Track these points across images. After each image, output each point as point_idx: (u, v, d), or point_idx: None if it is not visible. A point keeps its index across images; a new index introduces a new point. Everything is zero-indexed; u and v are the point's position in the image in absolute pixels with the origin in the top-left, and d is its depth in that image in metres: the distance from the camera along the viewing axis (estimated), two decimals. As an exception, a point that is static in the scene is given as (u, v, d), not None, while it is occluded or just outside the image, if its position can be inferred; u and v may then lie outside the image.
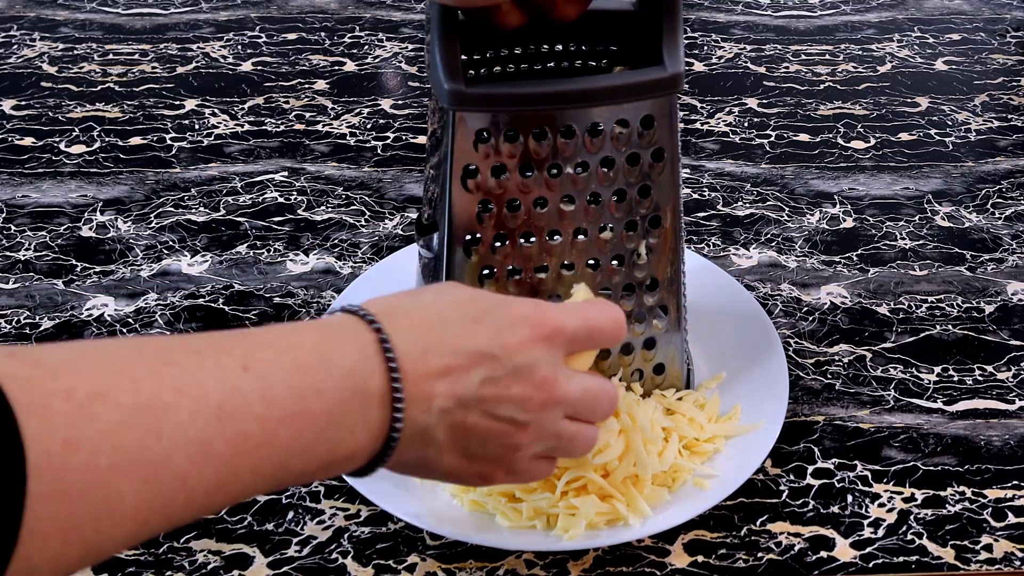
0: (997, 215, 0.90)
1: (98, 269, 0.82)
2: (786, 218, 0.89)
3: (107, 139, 0.98)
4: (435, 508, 0.61)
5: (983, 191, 0.93)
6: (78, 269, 0.82)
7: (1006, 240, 0.86)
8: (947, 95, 1.08)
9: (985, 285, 0.82)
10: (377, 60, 1.13)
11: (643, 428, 0.60)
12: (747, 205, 0.90)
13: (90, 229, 0.86)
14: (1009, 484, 0.65)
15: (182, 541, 0.61)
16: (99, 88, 1.06)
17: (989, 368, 0.74)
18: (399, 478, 0.62)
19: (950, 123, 1.02)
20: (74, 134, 0.99)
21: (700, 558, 0.60)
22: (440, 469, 0.48)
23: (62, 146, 0.97)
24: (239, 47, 1.14)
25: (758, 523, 0.62)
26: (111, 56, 1.12)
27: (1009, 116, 1.04)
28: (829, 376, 0.73)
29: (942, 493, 0.64)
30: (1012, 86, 1.09)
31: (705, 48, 1.16)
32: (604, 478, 0.59)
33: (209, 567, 0.59)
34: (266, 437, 0.40)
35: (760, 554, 0.60)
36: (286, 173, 0.94)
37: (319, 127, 1.01)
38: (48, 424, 0.35)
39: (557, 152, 0.57)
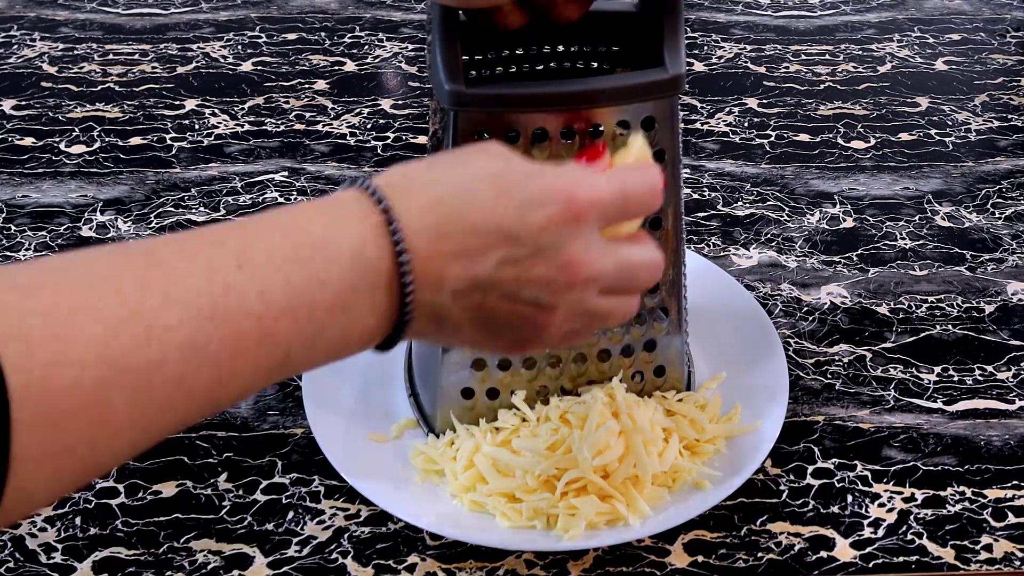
0: (997, 215, 0.90)
1: (98, 269, 0.82)
2: (786, 218, 0.89)
3: (107, 139, 0.98)
4: (435, 508, 0.61)
5: (983, 191, 0.93)
6: (78, 269, 0.82)
7: (1006, 240, 0.87)
8: (947, 95, 1.08)
9: (985, 285, 0.82)
10: (377, 60, 1.13)
11: (643, 429, 0.60)
12: (747, 205, 0.90)
13: (90, 229, 0.86)
14: (1009, 484, 0.65)
15: (182, 541, 0.61)
16: (99, 88, 1.06)
17: (989, 368, 0.74)
18: (399, 478, 0.62)
19: (950, 123, 1.02)
20: (74, 134, 0.99)
21: (700, 558, 0.60)
22: (463, 342, 0.46)
23: (62, 146, 0.97)
24: (239, 47, 1.14)
25: (758, 523, 0.62)
26: (111, 56, 1.12)
27: (1009, 116, 1.04)
28: (829, 376, 0.73)
29: (942, 493, 0.64)
30: (1012, 86, 1.10)
31: (705, 48, 1.16)
32: (604, 479, 0.59)
33: (209, 567, 0.59)
34: (265, 333, 0.39)
35: (760, 554, 0.60)
36: (286, 173, 0.94)
37: (319, 127, 1.01)
38: (28, 347, 0.34)
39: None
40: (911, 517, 0.63)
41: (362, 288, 0.41)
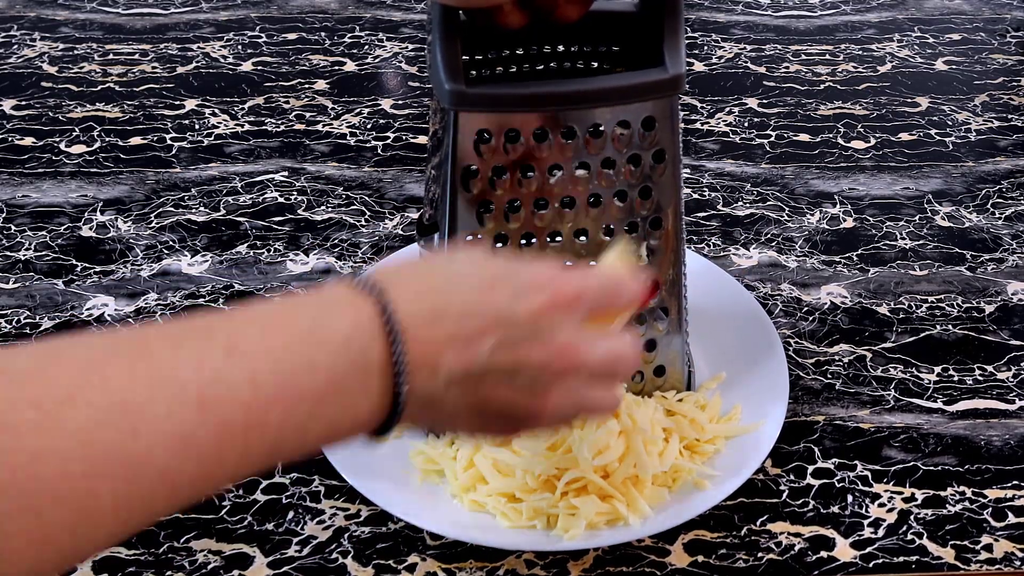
0: (997, 215, 0.90)
1: (98, 269, 0.82)
2: (786, 218, 0.89)
3: (107, 139, 0.98)
4: (435, 508, 0.61)
5: (983, 191, 0.93)
6: (78, 269, 0.82)
7: (1006, 240, 0.87)
8: (947, 95, 1.08)
9: (985, 285, 0.82)
10: (377, 60, 1.13)
11: (643, 429, 0.60)
12: (747, 205, 0.90)
13: (90, 229, 0.86)
14: (1009, 484, 0.65)
15: (182, 541, 0.61)
16: (99, 88, 1.06)
17: (989, 368, 0.74)
18: (399, 478, 0.62)
19: (950, 123, 1.02)
20: (74, 134, 0.99)
21: (700, 558, 0.60)
22: (457, 429, 0.46)
23: (62, 146, 0.97)
24: (239, 47, 1.14)
25: (758, 523, 0.62)
26: (111, 56, 1.12)
27: (1009, 116, 1.04)
28: (829, 376, 0.73)
29: (942, 493, 0.64)
30: (1012, 86, 1.10)
31: (705, 48, 1.16)
32: (604, 479, 0.59)
33: (209, 567, 0.59)
34: (254, 422, 0.39)
35: (760, 554, 0.60)
36: (286, 173, 0.94)
37: (319, 127, 1.01)
38: (14, 437, 0.34)
39: (558, 153, 0.57)
40: (911, 517, 0.63)
41: (353, 375, 0.41)
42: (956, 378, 0.73)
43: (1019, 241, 0.86)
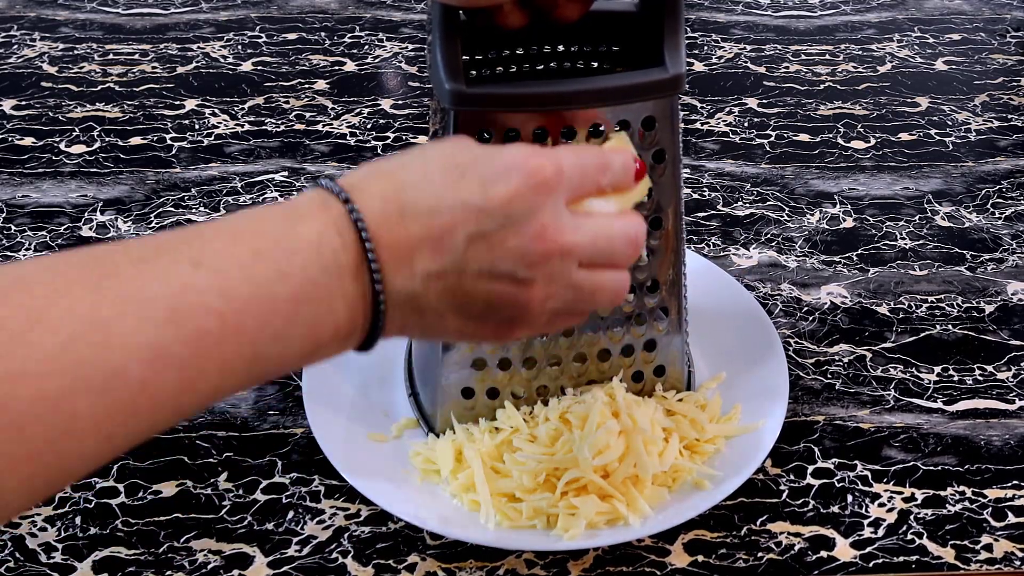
0: (997, 215, 0.90)
1: (98, 269, 0.82)
2: (786, 218, 0.89)
3: (107, 139, 0.98)
4: (435, 508, 0.61)
5: (983, 191, 0.93)
6: (78, 269, 0.82)
7: (1006, 240, 0.87)
8: (947, 95, 1.08)
9: (985, 285, 0.82)
10: (377, 60, 1.13)
11: (643, 429, 0.60)
12: (747, 205, 0.90)
13: (90, 229, 0.86)
14: (1009, 484, 0.65)
15: (182, 541, 0.61)
16: (99, 88, 1.06)
17: (989, 368, 0.74)
18: (399, 478, 0.62)
19: (950, 123, 1.02)
20: (74, 134, 0.99)
21: (700, 558, 0.60)
22: (448, 332, 0.45)
23: (62, 146, 0.97)
24: (239, 47, 1.14)
25: (758, 523, 0.62)
26: (111, 56, 1.12)
27: (1009, 116, 1.04)
28: (829, 376, 0.73)
29: (942, 493, 0.64)
30: (1012, 86, 1.10)
31: (705, 48, 1.16)
32: (604, 478, 0.59)
33: (209, 567, 0.59)
34: (229, 331, 0.38)
35: (760, 554, 0.60)
36: (286, 173, 0.94)
37: (319, 127, 1.01)
38: None
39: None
40: (911, 517, 0.63)
41: (327, 278, 0.41)
42: (956, 378, 0.73)
43: (1019, 241, 0.86)
